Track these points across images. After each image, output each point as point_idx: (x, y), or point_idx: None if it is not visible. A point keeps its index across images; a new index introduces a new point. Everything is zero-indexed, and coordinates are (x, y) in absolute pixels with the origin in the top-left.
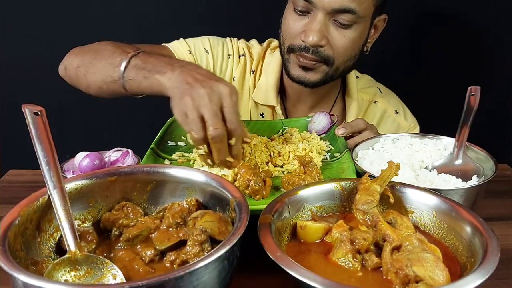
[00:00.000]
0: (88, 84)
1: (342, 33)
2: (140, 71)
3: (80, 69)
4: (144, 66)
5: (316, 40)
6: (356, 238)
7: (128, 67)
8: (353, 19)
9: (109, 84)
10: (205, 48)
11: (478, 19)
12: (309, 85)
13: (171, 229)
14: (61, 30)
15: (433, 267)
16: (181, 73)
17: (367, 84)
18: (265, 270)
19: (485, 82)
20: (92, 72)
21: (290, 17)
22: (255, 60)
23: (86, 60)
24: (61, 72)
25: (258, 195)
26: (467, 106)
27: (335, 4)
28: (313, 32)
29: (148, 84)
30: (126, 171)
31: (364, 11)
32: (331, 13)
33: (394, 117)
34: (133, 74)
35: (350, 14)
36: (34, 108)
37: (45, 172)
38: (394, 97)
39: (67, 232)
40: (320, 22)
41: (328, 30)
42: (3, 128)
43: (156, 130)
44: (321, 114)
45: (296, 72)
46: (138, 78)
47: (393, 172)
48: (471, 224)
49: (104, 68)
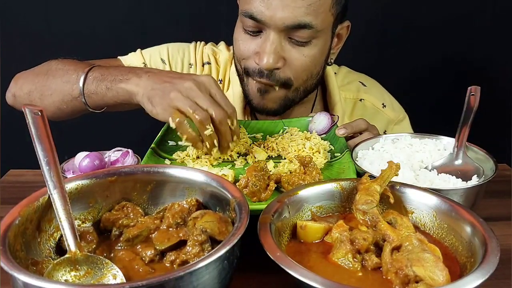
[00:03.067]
0: (45, 106)
1: (300, 51)
2: (100, 84)
3: (34, 93)
4: (104, 78)
5: (271, 63)
6: (356, 238)
7: (86, 82)
8: (311, 34)
9: (69, 102)
10: (162, 59)
11: (478, 18)
12: (271, 114)
13: (171, 229)
14: (61, 30)
15: (433, 267)
16: (150, 77)
17: (346, 79)
18: (265, 270)
19: (485, 82)
20: (48, 94)
21: (240, 37)
22: (221, 68)
23: (39, 84)
24: (10, 101)
25: (255, 197)
26: (467, 106)
27: (288, 21)
28: (267, 54)
29: (113, 95)
30: (126, 171)
31: (322, 24)
32: (284, 30)
33: (383, 112)
34: (93, 88)
35: (306, 29)
36: (34, 108)
37: (45, 172)
38: (377, 88)
39: (67, 232)
40: (274, 42)
41: (284, 50)
42: (3, 128)
43: (156, 130)
44: (321, 114)
45: (256, 101)
46: (100, 91)
47: (393, 172)
48: (471, 224)
49: (61, 87)
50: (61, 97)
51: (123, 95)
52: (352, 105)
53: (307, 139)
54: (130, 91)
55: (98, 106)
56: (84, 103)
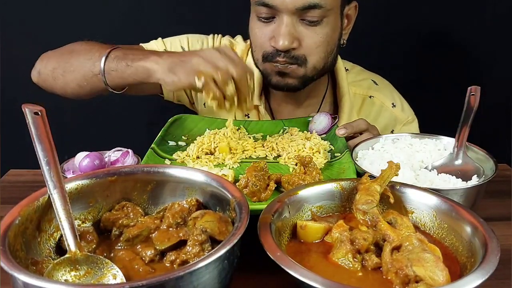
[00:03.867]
0: (66, 83)
1: (313, 31)
2: (121, 61)
3: (57, 70)
4: (125, 57)
5: (287, 44)
6: (356, 238)
7: (108, 59)
8: (321, 14)
9: (89, 79)
10: (182, 47)
11: (478, 18)
12: (291, 90)
13: (171, 229)
14: (61, 30)
15: (433, 267)
16: (170, 55)
17: (359, 76)
18: (265, 270)
19: (485, 82)
20: (71, 71)
21: (255, 26)
22: None
23: (62, 61)
24: (35, 78)
25: (255, 197)
26: (467, 106)
27: (299, 3)
28: (282, 36)
29: (132, 71)
30: (126, 171)
31: (331, 3)
32: (296, 13)
33: (391, 111)
34: (113, 65)
35: (316, 9)
36: (34, 108)
37: (45, 172)
38: (390, 88)
39: (67, 232)
40: (287, 24)
41: (297, 31)
42: (3, 128)
43: (156, 130)
44: (321, 114)
45: (276, 79)
46: (120, 68)
47: (393, 172)
48: (471, 224)
49: (83, 64)
50: (82, 73)
51: (142, 72)
52: (361, 100)
53: (307, 139)
54: (150, 68)
55: (117, 85)
56: (104, 81)
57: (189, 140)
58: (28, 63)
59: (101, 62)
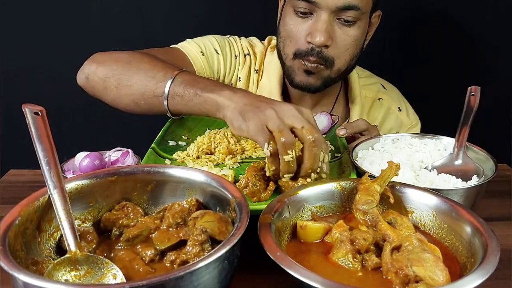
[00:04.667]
0: (119, 96)
1: (345, 32)
2: (189, 88)
3: (110, 80)
4: (194, 84)
5: (323, 40)
6: (356, 238)
7: (174, 83)
8: (357, 16)
9: (148, 99)
10: (215, 49)
11: (478, 18)
12: (312, 91)
13: (171, 229)
14: (61, 30)
15: (433, 267)
16: (246, 96)
17: (369, 80)
18: (265, 270)
19: (485, 82)
20: (128, 85)
21: (291, 21)
22: (258, 59)
23: (117, 71)
24: (81, 82)
25: (255, 197)
26: (467, 106)
27: (340, 2)
28: (320, 32)
29: (199, 101)
30: (126, 171)
31: (365, 6)
32: (335, 11)
33: (397, 114)
34: (180, 90)
35: (354, 10)
36: (34, 108)
37: (45, 172)
38: (396, 92)
39: (67, 232)
40: (325, 22)
41: (333, 30)
42: (3, 128)
43: (156, 130)
44: (322, 114)
45: (301, 78)
46: (187, 95)
47: (393, 172)
48: (471, 224)
49: (143, 81)
50: (142, 91)
51: (210, 105)
52: (371, 103)
53: None
54: (221, 103)
55: (178, 111)
56: (165, 104)
57: (189, 140)
58: (28, 63)
59: (166, 84)
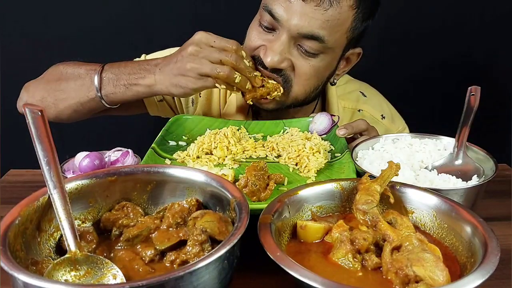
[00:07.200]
0: (60, 111)
1: (307, 61)
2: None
3: (47, 99)
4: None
5: (275, 61)
6: (356, 238)
7: (102, 83)
8: (320, 48)
9: (85, 104)
10: None
11: (478, 18)
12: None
13: (171, 229)
14: (61, 30)
15: (433, 267)
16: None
17: (348, 88)
18: (265, 270)
19: (485, 82)
20: (63, 98)
21: (254, 29)
22: None
23: (51, 89)
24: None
25: (255, 197)
26: (467, 106)
27: (303, 29)
28: (273, 52)
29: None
30: (126, 171)
31: (334, 42)
32: (296, 37)
33: (381, 123)
34: (111, 89)
35: (317, 42)
36: (34, 108)
37: (45, 172)
38: (378, 98)
39: (67, 232)
40: (283, 43)
41: (291, 53)
42: (3, 128)
43: (156, 130)
44: (322, 114)
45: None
46: (119, 91)
47: (393, 172)
48: (471, 224)
49: (75, 90)
50: (77, 99)
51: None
52: (350, 114)
53: (308, 139)
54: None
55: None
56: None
57: (189, 140)
58: (28, 63)
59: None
